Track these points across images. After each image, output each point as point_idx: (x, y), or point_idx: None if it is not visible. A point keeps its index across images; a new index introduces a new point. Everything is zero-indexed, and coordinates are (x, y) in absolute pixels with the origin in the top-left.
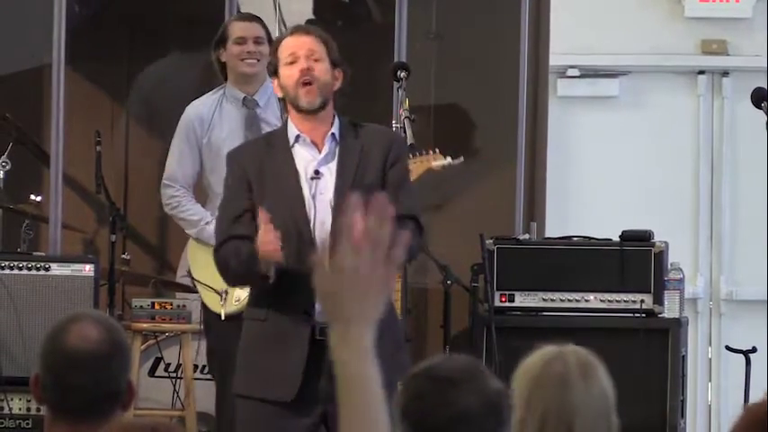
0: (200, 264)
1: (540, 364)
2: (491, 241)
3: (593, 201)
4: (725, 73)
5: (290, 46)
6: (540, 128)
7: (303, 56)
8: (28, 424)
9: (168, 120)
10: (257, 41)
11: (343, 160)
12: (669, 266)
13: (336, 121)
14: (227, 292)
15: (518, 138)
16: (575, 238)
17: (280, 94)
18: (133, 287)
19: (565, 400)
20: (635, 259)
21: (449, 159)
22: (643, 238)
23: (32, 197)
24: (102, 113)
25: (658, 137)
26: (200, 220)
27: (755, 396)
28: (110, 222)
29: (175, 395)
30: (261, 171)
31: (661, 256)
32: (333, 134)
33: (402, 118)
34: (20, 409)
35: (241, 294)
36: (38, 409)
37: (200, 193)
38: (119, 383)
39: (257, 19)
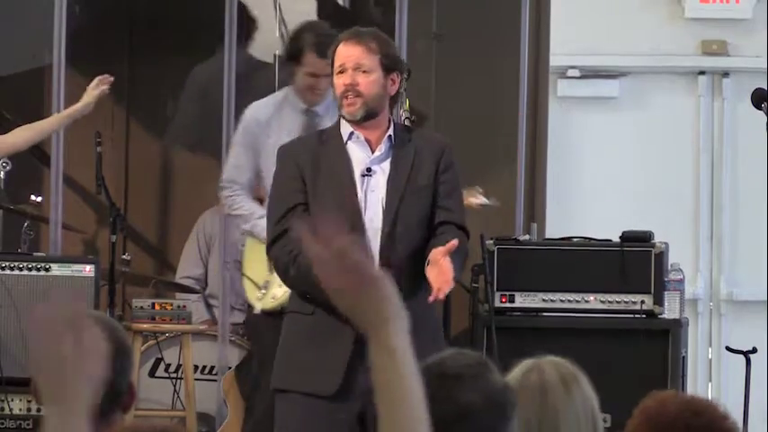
0: (250, 258)
1: (519, 376)
2: (491, 242)
3: (593, 201)
4: (725, 74)
5: (340, 56)
6: (540, 128)
7: (350, 68)
8: (28, 424)
9: (170, 120)
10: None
11: (396, 161)
12: (669, 267)
13: (392, 124)
14: (266, 288)
15: (518, 138)
16: (575, 239)
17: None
18: (133, 287)
19: (546, 408)
20: (635, 260)
21: (486, 200)
22: (643, 238)
23: (32, 197)
24: (102, 113)
25: (658, 137)
26: (252, 213)
27: (755, 396)
28: (110, 223)
29: (176, 395)
30: (315, 165)
31: (661, 256)
32: (389, 136)
33: (402, 119)
34: (20, 409)
35: (277, 292)
36: (38, 410)
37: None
38: (119, 384)
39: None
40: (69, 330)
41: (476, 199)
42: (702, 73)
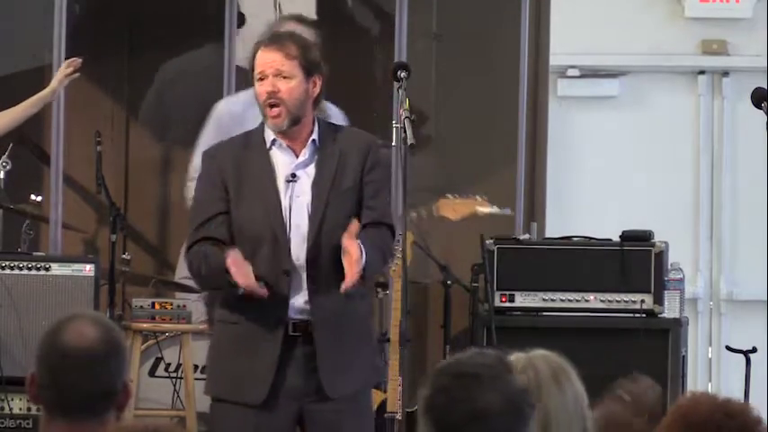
0: None
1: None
2: (491, 241)
3: (593, 201)
4: (725, 73)
5: (259, 63)
6: (540, 128)
7: (271, 75)
8: (28, 424)
9: (172, 119)
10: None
11: (321, 164)
12: (669, 266)
13: (316, 126)
14: None
15: (518, 138)
16: (575, 238)
17: None
18: (133, 287)
19: (540, 408)
20: (635, 259)
21: (495, 208)
22: (643, 238)
23: (33, 197)
24: (102, 113)
25: (658, 137)
26: None
27: (755, 396)
28: (110, 222)
29: (175, 395)
30: (238, 171)
31: (661, 256)
32: (313, 140)
33: (402, 118)
34: (20, 409)
35: None
36: (38, 409)
37: None
38: (115, 383)
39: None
40: None
41: (483, 208)
42: (702, 72)
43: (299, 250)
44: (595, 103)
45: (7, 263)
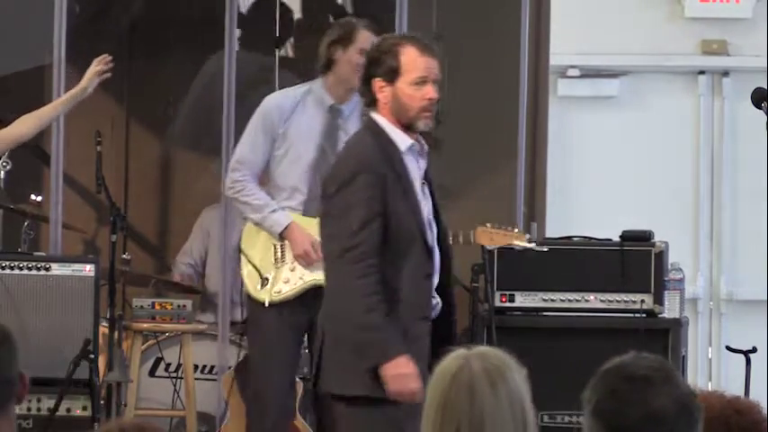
0: (253, 244)
1: (449, 376)
2: None
3: (593, 201)
4: (725, 73)
5: (422, 66)
6: (540, 128)
7: (431, 81)
8: (28, 424)
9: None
10: None
11: (426, 170)
12: (669, 266)
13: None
14: (268, 280)
15: (518, 137)
16: (575, 238)
17: (384, 101)
18: (133, 287)
19: (473, 411)
20: (635, 259)
21: (532, 244)
22: (643, 238)
23: (33, 197)
24: (102, 113)
25: (658, 137)
26: (266, 206)
27: (756, 396)
28: (110, 222)
29: (176, 395)
30: (393, 176)
31: (661, 256)
32: (426, 148)
33: None
34: (19, 408)
35: (283, 288)
36: (38, 409)
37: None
38: (11, 372)
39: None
40: None
41: (520, 242)
42: (702, 72)
43: (435, 254)
44: (595, 103)
45: (7, 263)
